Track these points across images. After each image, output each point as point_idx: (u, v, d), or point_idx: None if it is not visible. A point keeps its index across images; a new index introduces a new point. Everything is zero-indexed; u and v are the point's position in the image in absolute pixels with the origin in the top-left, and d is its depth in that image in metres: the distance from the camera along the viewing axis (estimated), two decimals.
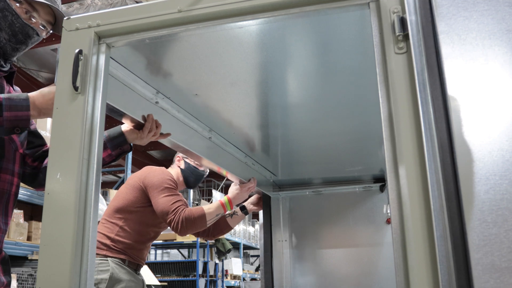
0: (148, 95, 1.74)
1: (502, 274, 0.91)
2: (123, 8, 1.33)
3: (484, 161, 0.96)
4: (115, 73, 1.56)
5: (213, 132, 2.20)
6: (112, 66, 1.52)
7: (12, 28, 1.62)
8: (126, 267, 2.49)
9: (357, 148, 2.55)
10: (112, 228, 2.52)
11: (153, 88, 1.75)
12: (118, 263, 2.47)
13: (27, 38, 1.66)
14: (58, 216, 1.20)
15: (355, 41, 1.48)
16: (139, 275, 2.62)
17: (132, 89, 1.66)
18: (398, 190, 1.03)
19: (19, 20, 1.62)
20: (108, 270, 2.40)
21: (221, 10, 1.24)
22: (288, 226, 3.23)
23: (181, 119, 1.97)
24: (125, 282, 2.44)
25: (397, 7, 1.10)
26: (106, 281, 2.37)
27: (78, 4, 5.42)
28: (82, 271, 1.18)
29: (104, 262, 2.43)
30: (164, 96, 1.82)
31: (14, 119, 1.44)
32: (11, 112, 1.43)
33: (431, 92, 1.03)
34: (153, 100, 1.78)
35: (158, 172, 2.60)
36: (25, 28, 1.64)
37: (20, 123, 1.46)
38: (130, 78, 1.63)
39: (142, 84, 1.69)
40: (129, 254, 2.52)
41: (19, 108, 1.44)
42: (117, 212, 2.56)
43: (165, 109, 1.86)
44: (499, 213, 0.93)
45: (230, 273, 10.06)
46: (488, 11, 1.04)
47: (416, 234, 0.98)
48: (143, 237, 2.59)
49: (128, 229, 2.52)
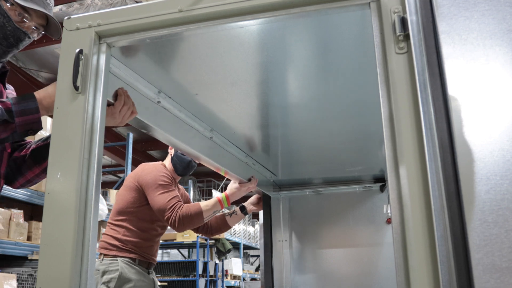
0: (150, 94, 1.74)
1: (503, 274, 0.91)
2: (123, 7, 1.33)
3: (485, 161, 0.96)
4: (117, 72, 1.56)
5: (214, 132, 2.20)
6: (114, 65, 1.52)
7: (3, 31, 1.57)
8: (136, 267, 2.52)
9: (357, 148, 2.55)
10: (118, 230, 2.55)
11: (155, 87, 1.75)
12: (128, 263, 2.49)
13: (18, 41, 1.61)
14: (58, 215, 1.21)
15: (355, 41, 1.48)
16: (151, 274, 2.64)
17: (134, 88, 1.66)
18: (399, 190, 1.03)
19: (10, 23, 1.57)
20: (118, 269, 2.44)
21: (222, 10, 1.24)
22: (288, 226, 3.23)
23: (182, 118, 1.97)
24: (134, 281, 2.46)
25: (397, 7, 1.10)
26: (115, 280, 2.41)
27: (78, 4, 5.42)
28: (82, 271, 1.18)
29: (114, 262, 2.47)
30: (166, 95, 1.82)
31: (26, 123, 1.45)
32: (22, 117, 1.44)
33: (431, 92, 1.03)
34: (155, 100, 1.78)
35: (150, 170, 2.61)
36: (16, 32, 1.59)
37: (33, 126, 1.46)
38: (132, 77, 1.63)
39: (144, 83, 1.69)
40: (139, 253, 2.55)
41: (28, 112, 1.45)
42: (120, 214, 2.59)
43: (167, 109, 1.86)
44: (500, 213, 0.93)
45: (230, 273, 10.05)
46: (489, 11, 1.04)
47: (416, 234, 0.98)
48: (150, 233, 2.61)
49: (133, 228, 2.55)
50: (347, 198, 3.17)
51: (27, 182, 1.75)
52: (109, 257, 2.49)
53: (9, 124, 1.43)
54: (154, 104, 1.79)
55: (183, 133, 1.99)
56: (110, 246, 2.52)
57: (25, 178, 1.74)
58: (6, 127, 1.43)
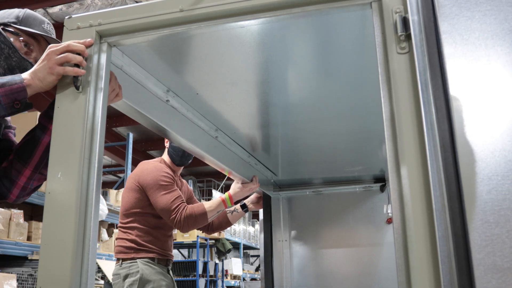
0: (159, 93, 1.74)
1: (504, 275, 0.90)
2: (125, 7, 1.32)
3: (486, 161, 0.96)
4: (128, 70, 1.55)
5: (219, 131, 2.20)
6: (126, 63, 1.52)
7: (9, 62, 1.52)
8: (156, 267, 2.52)
9: (357, 148, 2.55)
10: (130, 232, 2.55)
11: (164, 85, 1.75)
12: (147, 263, 2.50)
13: (24, 72, 1.49)
14: (59, 215, 1.20)
15: (356, 41, 1.48)
16: (170, 273, 2.65)
17: (144, 86, 1.66)
18: (400, 190, 1.03)
19: (16, 54, 1.53)
20: (138, 271, 2.45)
21: (223, 10, 1.24)
22: (288, 226, 3.23)
23: (190, 117, 1.97)
24: (154, 282, 2.47)
25: (399, 7, 1.10)
26: (137, 282, 2.42)
27: (78, 4, 5.41)
28: (83, 271, 1.17)
29: (134, 265, 2.47)
30: (175, 94, 1.81)
31: (11, 92, 1.34)
32: (3, 88, 1.34)
33: (433, 92, 1.02)
34: (163, 99, 1.78)
35: (150, 170, 2.60)
36: (22, 63, 1.54)
37: (18, 95, 1.34)
38: (143, 75, 1.63)
39: (153, 81, 1.69)
40: (156, 251, 2.55)
41: (11, 83, 1.35)
42: (127, 216, 2.60)
43: (176, 108, 1.86)
44: (501, 214, 0.93)
45: (230, 273, 10.05)
46: (491, 11, 1.03)
47: (417, 234, 0.98)
48: (162, 228, 2.61)
49: (145, 227, 2.55)
50: (347, 198, 3.18)
51: (22, 191, 1.56)
52: (128, 260, 2.50)
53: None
54: (163, 103, 1.79)
55: (190, 132, 1.99)
56: (126, 249, 2.52)
57: (18, 187, 1.55)
58: None
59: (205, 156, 2.15)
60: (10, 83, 1.35)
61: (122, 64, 1.52)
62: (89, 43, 1.32)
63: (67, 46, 1.32)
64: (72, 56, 1.30)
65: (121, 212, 2.65)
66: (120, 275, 2.47)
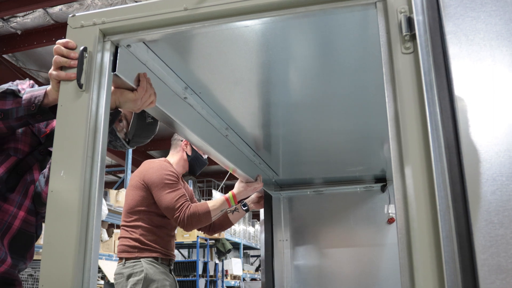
0: (178, 89, 1.73)
1: (508, 275, 0.90)
2: (129, 5, 1.32)
3: (491, 161, 0.96)
4: (152, 65, 1.55)
5: (230, 130, 2.20)
6: (151, 58, 1.52)
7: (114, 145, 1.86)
8: (159, 266, 2.52)
9: (358, 148, 2.55)
10: (134, 230, 2.55)
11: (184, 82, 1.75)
12: (151, 263, 2.50)
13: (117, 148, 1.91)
14: (61, 214, 1.20)
15: (359, 41, 1.48)
16: (172, 273, 2.66)
17: (165, 82, 1.66)
18: (404, 190, 1.02)
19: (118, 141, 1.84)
20: (142, 271, 2.45)
21: (227, 9, 1.23)
22: (289, 225, 3.23)
23: (204, 115, 1.96)
24: (158, 281, 2.47)
25: (404, 7, 1.10)
26: (141, 281, 2.42)
27: (78, 4, 5.41)
28: (85, 269, 1.17)
29: (138, 264, 2.47)
30: (193, 91, 1.81)
31: (31, 96, 1.40)
32: (31, 93, 1.42)
33: (438, 92, 1.02)
34: (182, 96, 1.77)
35: (156, 168, 2.60)
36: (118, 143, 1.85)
37: (35, 99, 1.39)
38: (164, 71, 1.62)
39: (174, 77, 1.68)
40: (159, 250, 2.55)
41: (35, 91, 1.42)
42: (131, 214, 2.59)
43: (192, 105, 1.85)
44: (506, 214, 0.93)
45: (230, 273, 10.04)
46: (496, 11, 1.03)
47: (421, 235, 0.98)
48: (165, 227, 2.61)
49: (149, 225, 2.55)
50: (348, 198, 3.18)
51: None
52: (131, 259, 2.49)
53: (16, 98, 1.40)
54: (181, 100, 1.78)
55: (203, 130, 1.98)
56: (130, 248, 2.52)
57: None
58: (14, 100, 1.40)
59: (214, 154, 2.14)
60: (38, 89, 1.42)
61: (147, 59, 1.51)
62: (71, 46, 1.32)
63: (54, 50, 1.33)
64: (58, 60, 1.31)
65: (125, 211, 2.64)
66: (123, 274, 2.47)
